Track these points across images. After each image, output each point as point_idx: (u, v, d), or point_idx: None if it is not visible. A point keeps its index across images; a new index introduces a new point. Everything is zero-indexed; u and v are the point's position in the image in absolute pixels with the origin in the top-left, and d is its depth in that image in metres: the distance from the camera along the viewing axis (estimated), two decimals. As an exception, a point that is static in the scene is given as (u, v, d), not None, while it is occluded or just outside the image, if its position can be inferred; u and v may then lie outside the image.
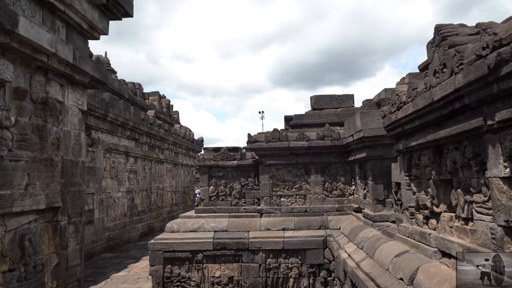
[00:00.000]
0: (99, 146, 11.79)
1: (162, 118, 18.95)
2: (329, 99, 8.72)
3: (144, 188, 15.55)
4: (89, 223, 11.19)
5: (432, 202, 3.75)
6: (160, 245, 7.30)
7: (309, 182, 7.91)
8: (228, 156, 8.09)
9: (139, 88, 16.95)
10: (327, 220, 7.60)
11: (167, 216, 18.38)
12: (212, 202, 8.12)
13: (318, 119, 8.35)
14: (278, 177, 7.95)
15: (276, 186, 7.93)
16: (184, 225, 7.65)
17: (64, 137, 3.99)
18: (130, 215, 14.15)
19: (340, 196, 7.85)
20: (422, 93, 3.50)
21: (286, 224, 7.56)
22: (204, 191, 8.16)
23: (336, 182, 7.88)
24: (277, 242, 7.25)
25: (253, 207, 8.01)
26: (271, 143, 7.72)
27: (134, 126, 13.77)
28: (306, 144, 7.71)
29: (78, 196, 4.22)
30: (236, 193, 8.12)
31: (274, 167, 7.94)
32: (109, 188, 12.54)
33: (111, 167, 12.72)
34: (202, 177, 8.18)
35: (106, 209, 12.29)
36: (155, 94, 19.21)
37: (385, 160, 6.04)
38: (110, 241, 12.50)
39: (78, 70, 4.06)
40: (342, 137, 7.66)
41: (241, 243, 7.29)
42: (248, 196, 8.10)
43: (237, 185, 8.13)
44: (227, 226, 7.58)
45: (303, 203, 7.88)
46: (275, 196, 7.91)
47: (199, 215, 7.93)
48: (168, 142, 18.09)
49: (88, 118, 10.89)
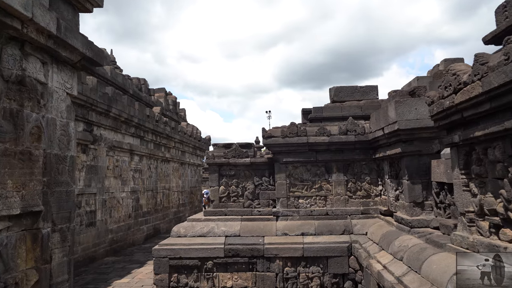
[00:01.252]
0: (102, 143, 11.12)
1: (168, 116, 18.27)
2: (351, 91, 7.93)
3: (149, 188, 14.88)
4: (91, 225, 10.53)
5: (506, 207, 2.96)
6: (165, 251, 6.58)
7: (330, 182, 7.13)
8: (240, 153, 7.34)
9: (144, 84, 16.28)
10: (351, 224, 6.81)
11: (173, 217, 17.71)
12: (223, 204, 7.37)
13: (339, 112, 7.56)
14: (295, 176, 7.18)
15: (294, 186, 7.16)
16: (192, 229, 6.91)
17: (48, 126, 3.27)
18: (134, 216, 13.48)
19: (365, 197, 7.05)
20: (500, 67, 2.71)
21: (306, 229, 6.79)
22: (214, 191, 7.42)
23: (361, 182, 7.09)
24: (295, 249, 6.48)
25: (268, 209, 7.25)
26: (288, 139, 6.95)
27: (138, 123, 13.08)
28: (327, 139, 6.93)
29: (66, 197, 3.49)
30: (249, 194, 7.36)
31: (291, 165, 7.17)
32: (113, 188, 11.87)
33: (114, 165, 12.05)
34: (211, 176, 7.44)
35: (109, 210, 11.62)
36: (161, 90, 18.54)
37: (424, 157, 5.24)
38: (114, 244, 11.83)
39: (64, 45, 3.33)
40: (367, 131, 6.87)
41: (255, 249, 6.54)
42: (262, 197, 7.35)
43: (250, 185, 7.38)
44: (239, 231, 6.83)
45: (323, 205, 7.10)
46: (293, 197, 7.14)
47: (208, 218, 7.19)
48: (174, 140, 17.40)
49: (89, 114, 10.23)
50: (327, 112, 7.70)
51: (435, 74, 6.24)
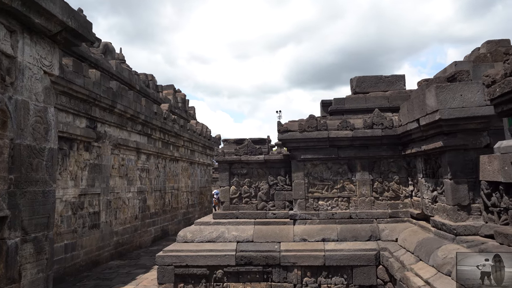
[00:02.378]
0: (106, 141, 10.54)
1: (177, 113, 17.68)
2: (375, 81, 7.16)
3: (157, 188, 14.28)
4: (94, 227, 9.94)
5: None
6: (170, 258, 5.91)
7: (353, 181, 6.38)
8: (253, 150, 6.64)
9: (152, 80, 15.70)
10: (378, 228, 6.05)
11: (182, 218, 17.11)
12: (234, 206, 6.68)
13: (363, 104, 6.80)
14: (315, 175, 6.45)
15: (313, 186, 6.43)
16: (200, 234, 6.24)
17: (17, 110, 2.61)
18: (141, 217, 12.88)
19: (393, 198, 6.28)
20: None
21: (327, 234, 6.05)
22: (224, 191, 6.73)
23: (388, 182, 6.32)
24: (316, 257, 5.75)
25: (283, 211, 6.54)
26: (306, 133, 6.23)
27: (146, 120, 12.49)
28: (350, 133, 6.18)
29: (43, 199, 2.83)
30: (262, 195, 6.66)
31: (310, 163, 6.44)
32: (118, 188, 11.28)
33: (120, 164, 11.46)
34: (221, 175, 6.75)
35: (114, 211, 11.04)
36: (169, 87, 17.97)
37: (470, 152, 4.47)
38: (119, 247, 11.24)
39: (37, 9, 2.67)
40: (395, 125, 6.10)
41: (270, 257, 5.82)
42: (277, 198, 6.64)
43: (264, 185, 6.67)
44: (252, 236, 6.13)
45: (346, 207, 6.36)
46: (312, 198, 6.41)
47: (218, 221, 6.50)
48: (183, 138, 16.80)
49: (93, 109, 9.65)
50: (349, 103, 6.95)
51: (477, 58, 5.46)
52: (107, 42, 12.49)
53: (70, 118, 8.95)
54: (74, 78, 8.60)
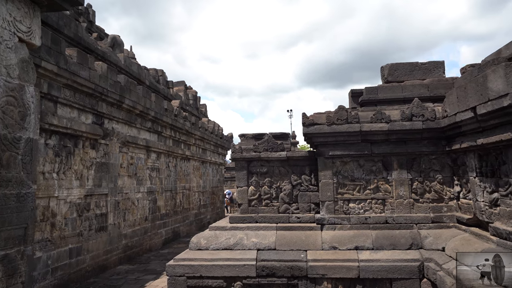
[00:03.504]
0: (114, 138, 9.94)
1: (188, 110, 17.06)
2: (410, 68, 6.37)
3: (168, 188, 13.66)
4: (101, 229, 9.34)
5: None
6: (182, 268, 5.22)
7: (389, 181, 5.61)
8: (274, 145, 5.92)
9: (162, 75, 15.10)
10: (419, 235, 5.27)
11: (194, 219, 16.48)
12: (253, 208, 5.97)
13: (399, 93, 6.02)
14: (344, 174, 5.69)
15: (342, 186, 5.68)
16: (215, 240, 5.54)
17: (-23, 85, 1.93)
18: (152, 219, 12.27)
19: (436, 201, 5.49)
20: None
21: (360, 241, 5.29)
22: (242, 192, 6.02)
23: (429, 181, 5.53)
24: (349, 268, 5.00)
25: (309, 215, 5.80)
26: (335, 126, 5.48)
27: (155, 116, 11.87)
28: (385, 126, 5.41)
29: (17, 205, 2.16)
30: (285, 196, 5.94)
31: (340, 160, 5.69)
32: (127, 188, 10.68)
33: (129, 163, 10.86)
34: (238, 174, 6.05)
35: (123, 212, 10.43)
36: (180, 84, 17.36)
37: (545, 145, 3.68)
38: (128, 250, 10.63)
39: (5, -50, 2.00)
40: (438, 116, 5.31)
41: (296, 267, 5.09)
42: (301, 200, 5.90)
43: (286, 185, 5.95)
44: (274, 243, 5.41)
45: (381, 210, 5.59)
46: (341, 200, 5.66)
47: (235, 225, 5.80)
48: (195, 136, 16.17)
49: (99, 104, 9.05)
50: (383, 93, 6.17)
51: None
52: (116, 35, 11.90)
53: (74, 114, 8.36)
54: (79, 70, 8.00)
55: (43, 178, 7.34)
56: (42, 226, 7.29)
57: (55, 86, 7.51)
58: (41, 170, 7.26)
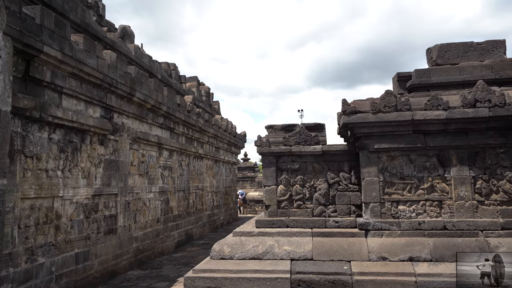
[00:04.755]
0: (124, 134, 9.21)
1: (201, 107, 16.33)
2: (463, 49, 5.48)
3: (181, 188, 12.92)
4: (110, 232, 8.62)
5: None
6: (203, 281, 4.44)
7: (446, 179, 4.75)
8: (307, 138, 5.10)
9: (175, 69, 14.39)
10: (487, 245, 4.39)
11: (207, 220, 15.73)
12: (283, 211, 5.16)
13: (457, 75, 5.14)
14: (392, 171, 4.85)
15: (390, 185, 4.84)
16: (241, 248, 4.73)
17: None
18: (164, 220, 11.54)
19: (506, 203, 4.61)
20: None
21: (415, 251, 4.44)
22: (270, 192, 5.21)
23: (497, 180, 4.65)
24: (404, 284, 4.15)
25: (348, 218, 4.97)
26: (382, 115, 4.65)
27: (168, 112, 11.12)
28: (443, 114, 4.55)
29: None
30: (320, 197, 5.11)
31: (386, 155, 4.85)
32: (138, 188, 9.95)
33: (139, 161, 10.13)
34: (266, 171, 5.24)
35: (133, 214, 9.70)
36: (193, 79, 16.65)
37: None
38: (139, 254, 9.90)
39: None
40: (508, 102, 4.44)
41: (339, 281, 4.27)
42: (339, 201, 5.07)
43: (321, 184, 5.13)
44: (311, 251, 4.59)
45: (437, 214, 4.73)
46: (389, 201, 4.81)
47: (263, 230, 4.99)
48: (208, 134, 15.41)
49: (108, 97, 8.32)
50: (437, 75, 5.29)
51: None
52: (126, 25, 11.21)
53: (81, 106, 7.64)
54: (86, 58, 7.28)
55: (46, 176, 6.62)
56: (45, 229, 6.58)
57: (60, 75, 6.80)
58: (44, 167, 6.55)
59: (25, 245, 6.09)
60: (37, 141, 6.45)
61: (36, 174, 6.36)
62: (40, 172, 6.47)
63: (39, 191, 6.41)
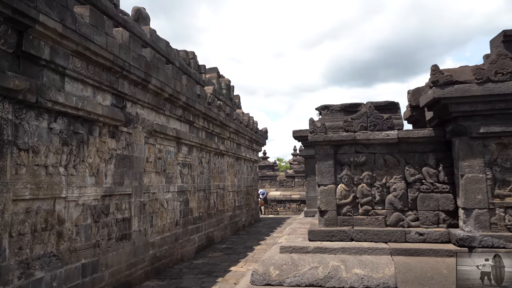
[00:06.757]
0: (139, 126, 8.07)
1: (222, 100, 15.14)
2: None
3: (201, 188, 11.75)
4: (123, 238, 7.48)
5: None
6: (243, 317, 3.17)
7: None
8: (378, 121, 3.79)
9: (193, 58, 13.24)
10: None
11: (228, 222, 14.54)
12: (345, 218, 3.86)
13: None
14: (505, 165, 3.49)
15: (502, 184, 3.48)
16: (293, 270, 3.45)
17: None
18: (183, 223, 10.38)
19: None
20: None
21: (550, 280, 3.07)
22: (326, 194, 3.92)
23: None
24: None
25: (438, 230, 3.64)
26: (491, 86, 3.30)
27: (187, 103, 9.96)
28: None
29: None
30: (395, 199, 3.79)
31: (496, 142, 3.49)
32: (154, 187, 8.80)
33: (156, 157, 8.99)
34: (320, 166, 3.95)
35: (149, 216, 8.56)
36: (213, 70, 15.48)
37: None
38: (156, 262, 8.76)
39: None
40: None
41: (440, 324, 2.94)
42: (423, 205, 3.74)
43: (397, 183, 3.81)
44: (394, 278, 3.27)
45: None
46: (501, 207, 3.46)
47: (320, 246, 3.70)
48: (229, 129, 14.22)
49: (119, 82, 7.18)
50: None
51: None
52: (140, 7, 10.10)
53: (88, 92, 6.51)
54: (92, 34, 6.14)
55: (46, 174, 5.50)
56: (44, 236, 5.46)
57: (61, 53, 5.66)
58: (42, 162, 5.43)
59: (18, 257, 4.98)
60: (34, 131, 5.33)
61: (33, 171, 5.24)
62: (37, 168, 5.35)
63: (37, 191, 5.29)
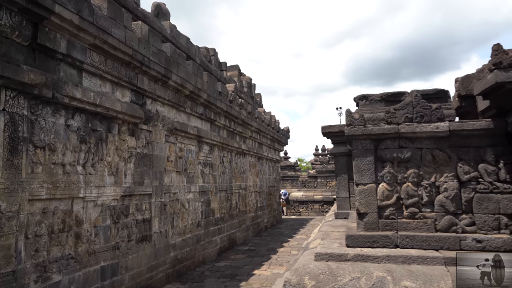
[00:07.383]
0: (159, 124, 7.81)
1: (243, 98, 14.80)
2: None
3: (222, 188, 11.44)
4: (144, 240, 7.23)
5: None
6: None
7: None
8: (425, 112, 3.32)
9: (214, 55, 12.95)
10: None
11: (251, 223, 14.19)
12: (387, 222, 3.40)
13: None
14: None
15: None
16: (332, 281, 3.03)
17: None
18: (205, 224, 10.08)
19: None
20: None
21: None
22: (366, 194, 3.47)
23: None
24: None
25: (500, 236, 3.14)
26: None
27: (208, 100, 9.66)
28: None
29: None
30: (447, 201, 3.31)
31: None
32: (175, 187, 8.53)
33: (177, 156, 8.72)
34: (358, 162, 3.50)
35: (170, 217, 8.30)
36: (234, 68, 15.16)
37: None
38: (177, 264, 8.48)
39: None
40: None
41: None
42: (480, 207, 3.24)
43: (448, 182, 3.32)
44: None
45: None
46: None
47: (361, 253, 3.26)
48: (251, 128, 13.87)
49: (139, 78, 6.93)
50: None
51: None
52: (160, 2, 9.87)
53: (107, 88, 6.27)
54: (110, 27, 5.89)
55: (63, 172, 5.28)
56: (62, 238, 5.24)
57: (78, 46, 5.43)
58: (59, 161, 5.22)
59: (34, 259, 4.76)
60: (51, 127, 5.11)
61: (49, 170, 5.02)
62: (54, 166, 5.13)
63: (54, 190, 5.06)
